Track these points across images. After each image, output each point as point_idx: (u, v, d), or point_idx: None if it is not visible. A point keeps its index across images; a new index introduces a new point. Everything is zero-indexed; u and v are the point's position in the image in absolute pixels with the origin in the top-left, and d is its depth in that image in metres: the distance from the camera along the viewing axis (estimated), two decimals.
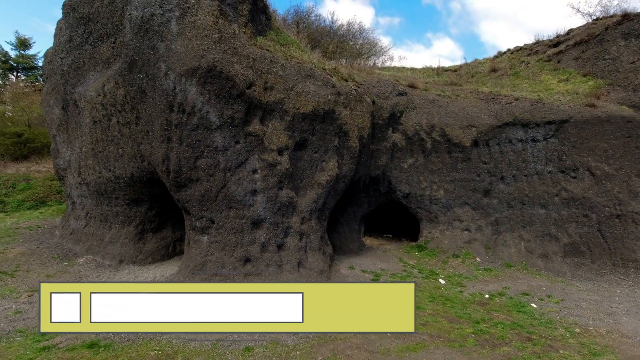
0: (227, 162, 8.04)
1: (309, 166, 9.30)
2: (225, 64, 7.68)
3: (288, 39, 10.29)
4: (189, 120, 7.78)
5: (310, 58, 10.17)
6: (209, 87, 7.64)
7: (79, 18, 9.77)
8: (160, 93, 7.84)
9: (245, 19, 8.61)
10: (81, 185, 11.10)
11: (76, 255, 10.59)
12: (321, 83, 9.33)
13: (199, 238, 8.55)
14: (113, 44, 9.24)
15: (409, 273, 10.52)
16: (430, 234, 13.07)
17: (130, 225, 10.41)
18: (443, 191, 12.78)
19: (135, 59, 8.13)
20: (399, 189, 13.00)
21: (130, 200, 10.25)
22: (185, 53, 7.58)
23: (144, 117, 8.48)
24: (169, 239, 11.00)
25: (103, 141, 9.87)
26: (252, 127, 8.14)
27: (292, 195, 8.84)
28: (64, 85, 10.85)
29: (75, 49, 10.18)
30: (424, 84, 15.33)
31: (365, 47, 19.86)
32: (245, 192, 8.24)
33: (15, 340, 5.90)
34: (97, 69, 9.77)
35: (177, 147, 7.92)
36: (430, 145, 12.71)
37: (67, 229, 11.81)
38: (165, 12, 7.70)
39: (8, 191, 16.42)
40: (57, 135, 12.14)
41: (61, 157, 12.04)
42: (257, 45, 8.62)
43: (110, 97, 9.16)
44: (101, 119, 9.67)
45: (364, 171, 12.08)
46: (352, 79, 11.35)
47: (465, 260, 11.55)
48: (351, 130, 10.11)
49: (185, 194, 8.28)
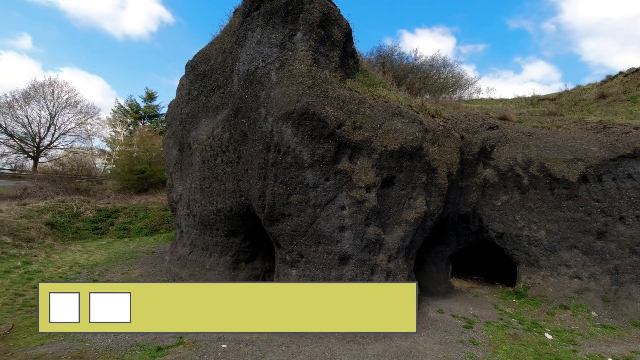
0: (317, 199, 8.44)
1: (396, 203, 9.26)
2: (318, 106, 8.27)
3: (375, 79, 10.71)
4: (283, 159, 8.44)
5: (397, 96, 10.39)
6: (303, 129, 8.26)
7: (197, 75, 11.57)
8: (259, 135, 8.71)
9: (335, 64, 9.25)
10: (189, 217, 12.58)
11: (182, 280, 11.82)
12: (408, 120, 9.42)
13: (288, 271, 8.94)
14: (222, 94, 10.66)
15: (507, 322, 9.48)
16: (530, 280, 11.73)
17: (227, 254, 11.36)
18: (544, 232, 11.52)
19: (240, 106, 9.24)
20: (492, 228, 12.07)
21: (228, 232, 11.25)
22: (282, 99, 8.38)
23: (245, 156, 9.45)
24: (259, 270, 11.69)
25: (209, 178, 11.18)
26: (341, 165, 8.49)
27: (379, 232, 8.83)
28: (181, 130, 12.75)
29: (192, 100, 11.99)
30: (517, 115, 14.41)
31: (450, 81, 19.53)
32: (333, 228, 8.49)
33: (136, 354, 6.71)
34: (208, 116, 11.31)
35: (272, 184, 8.59)
36: (527, 181, 11.72)
37: (175, 255, 13.33)
38: (267, 64, 8.70)
39: (132, 219, 19.38)
40: (173, 172, 14.11)
41: (175, 191, 13.89)
42: (346, 88, 9.14)
43: (218, 139, 10.45)
44: (209, 158, 11.03)
45: (453, 209, 11.55)
46: (439, 115, 11.22)
47: (576, 313, 10.04)
48: (439, 166, 9.88)
49: (277, 227, 8.83)
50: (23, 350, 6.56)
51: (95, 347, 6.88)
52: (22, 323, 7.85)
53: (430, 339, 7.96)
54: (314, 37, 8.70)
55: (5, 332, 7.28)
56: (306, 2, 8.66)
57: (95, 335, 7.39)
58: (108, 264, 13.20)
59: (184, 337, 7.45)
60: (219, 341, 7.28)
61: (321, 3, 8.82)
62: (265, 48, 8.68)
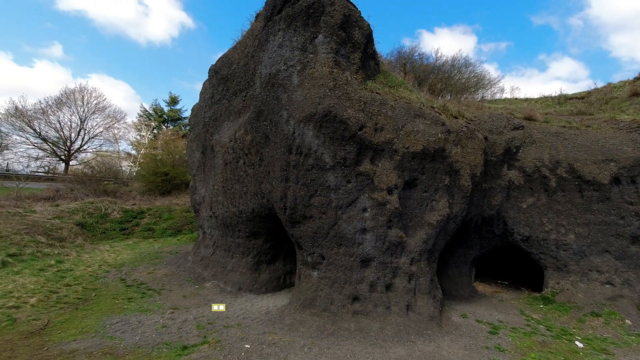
0: (339, 201, 8.44)
1: (418, 205, 9.15)
2: (339, 108, 8.28)
3: (396, 81, 10.64)
4: (305, 161, 8.49)
5: (419, 97, 10.29)
6: (324, 131, 8.29)
7: (220, 79, 11.81)
8: (281, 137, 8.80)
9: (356, 66, 9.25)
10: (211, 218, 12.82)
11: (204, 280, 12.06)
12: (430, 122, 9.30)
13: (310, 273, 8.97)
14: (244, 98, 10.84)
15: (534, 329, 9.19)
16: (558, 285, 11.34)
17: (249, 256, 11.50)
18: (574, 235, 11.12)
19: (262, 109, 9.36)
20: (517, 231, 11.75)
21: (250, 233, 11.40)
22: (304, 101, 8.44)
23: (266, 159, 9.57)
24: (280, 271, 11.77)
25: (231, 180, 11.37)
26: (362, 167, 8.47)
27: (401, 234, 8.75)
28: (204, 133, 13.04)
29: (215, 104, 12.24)
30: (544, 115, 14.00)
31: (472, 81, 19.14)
32: (355, 230, 8.47)
33: (162, 352, 6.89)
34: (231, 119, 11.51)
35: (293, 186, 8.66)
36: (554, 182, 11.35)
37: (198, 255, 13.60)
38: (288, 67, 8.78)
39: (156, 220, 19.92)
40: (196, 175, 14.43)
41: (198, 193, 14.19)
42: (368, 89, 9.11)
43: (240, 142, 10.62)
44: (231, 161, 11.22)
45: (476, 211, 11.31)
46: (462, 116, 11.02)
47: (609, 321, 9.62)
48: (462, 168, 9.71)
49: (299, 229, 8.88)
50: (57, 346, 6.85)
51: (124, 344, 7.11)
52: (56, 319, 8.20)
53: (454, 344, 7.81)
54: (335, 39, 8.73)
55: (41, 328, 7.62)
56: (327, 4, 8.70)
57: (124, 333, 7.65)
58: (134, 264, 13.61)
59: (208, 336, 7.60)
60: (242, 341, 7.39)
61: (342, 5, 8.84)
62: (286, 51, 8.77)
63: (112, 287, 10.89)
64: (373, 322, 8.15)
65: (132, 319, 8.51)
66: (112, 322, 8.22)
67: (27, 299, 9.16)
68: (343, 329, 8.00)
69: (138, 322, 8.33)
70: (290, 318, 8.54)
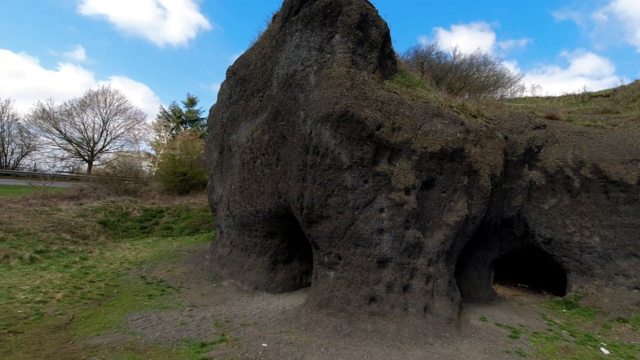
0: (356, 201, 8.41)
1: (436, 206, 9.03)
2: (356, 108, 8.25)
3: (413, 80, 10.53)
4: (322, 161, 8.49)
5: (437, 97, 10.15)
6: (341, 131, 8.27)
7: (237, 80, 11.96)
8: (298, 137, 8.83)
9: (373, 66, 9.20)
10: (229, 218, 12.98)
11: (222, 279, 12.22)
12: (449, 121, 9.17)
13: (326, 273, 8.97)
14: (261, 98, 10.93)
15: (557, 334, 8.93)
16: (582, 289, 11.00)
17: (265, 255, 11.59)
18: (599, 238, 10.77)
19: (279, 109, 9.42)
20: (539, 233, 11.46)
21: (267, 233, 11.48)
22: (321, 101, 8.44)
23: (283, 158, 9.62)
24: (296, 271, 11.82)
25: (248, 180, 11.48)
26: (380, 167, 8.42)
27: (419, 235, 8.65)
28: (222, 134, 13.22)
29: (233, 104, 12.40)
30: (567, 114, 13.60)
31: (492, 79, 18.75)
32: (372, 230, 8.42)
33: (182, 349, 7.01)
34: (248, 119, 11.63)
35: (310, 185, 8.67)
36: (578, 183, 11.02)
37: (215, 254, 13.79)
38: (305, 67, 8.81)
39: (175, 219, 20.32)
40: (213, 174, 14.64)
41: (215, 193, 14.40)
42: (385, 89, 9.05)
43: (257, 142, 10.71)
44: (248, 161, 11.33)
45: (496, 212, 11.08)
46: (481, 115, 10.82)
47: (637, 327, 9.28)
48: (482, 168, 9.53)
49: (315, 229, 8.89)
50: (82, 340, 7.06)
51: (145, 339, 7.28)
52: (80, 314, 8.46)
53: (473, 348, 7.67)
54: (352, 39, 8.70)
55: (67, 322, 7.88)
56: (344, 4, 8.69)
57: (144, 329, 7.82)
58: (154, 262, 13.91)
59: (225, 334, 7.70)
60: (260, 340, 7.45)
61: (359, 5, 8.81)
62: (304, 51, 8.80)
63: (133, 284, 11.16)
64: (390, 324, 8.09)
65: (152, 315, 8.70)
66: (134, 318, 8.42)
67: (54, 294, 9.48)
68: (360, 330, 7.97)
69: (158, 318, 8.51)
70: (307, 318, 8.56)
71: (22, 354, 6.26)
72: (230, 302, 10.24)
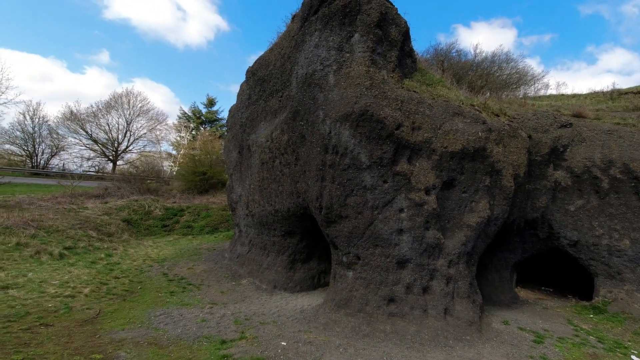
0: (375, 201, 8.36)
1: (457, 207, 8.88)
2: (376, 107, 8.20)
3: (433, 79, 10.38)
4: (341, 161, 8.48)
5: (457, 95, 9.98)
6: (361, 130, 8.24)
7: (256, 80, 12.09)
8: (317, 137, 8.84)
9: (393, 65, 9.11)
10: (248, 217, 13.13)
11: (240, 277, 12.37)
12: (470, 120, 9.00)
13: (345, 273, 8.96)
14: (280, 98, 11.01)
15: (584, 340, 8.63)
16: (611, 294, 10.61)
17: (284, 254, 11.67)
18: (629, 241, 10.36)
19: (299, 109, 9.46)
20: (564, 236, 11.11)
21: (285, 232, 11.56)
22: (340, 101, 8.43)
23: (302, 158, 9.66)
24: (314, 270, 11.85)
25: (267, 179, 11.58)
26: (399, 166, 8.34)
27: (439, 236, 8.52)
28: (241, 134, 13.39)
29: (252, 105, 12.54)
30: (594, 111, 13.12)
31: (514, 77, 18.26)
32: (391, 230, 8.35)
33: (203, 345, 7.14)
34: (267, 119, 11.74)
35: (329, 185, 8.67)
36: (607, 184, 10.63)
37: (234, 253, 13.98)
38: (324, 67, 8.81)
39: (195, 218, 20.73)
40: (233, 174, 14.84)
41: (234, 192, 14.60)
42: (405, 88, 8.96)
43: (276, 142, 10.80)
44: (267, 160, 11.43)
45: (519, 213, 10.81)
46: (504, 113, 10.57)
47: None
48: (504, 168, 9.31)
49: (334, 229, 8.89)
50: (108, 334, 7.30)
51: (168, 335, 7.45)
52: (106, 309, 8.74)
53: (495, 352, 7.50)
54: (372, 37, 8.65)
55: (94, 317, 8.15)
56: (363, 3, 8.64)
57: (167, 325, 8.01)
58: (175, 259, 14.22)
59: (245, 332, 7.79)
60: (279, 339, 7.50)
61: (379, 3, 8.74)
62: (323, 51, 8.80)
63: (155, 281, 11.44)
64: (409, 325, 8.01)
65: (174, 312, 8.90)
66: (156, 314, 8.63)
67: (81, 289, 9.82)
68: (378, 331, 7.92)
69: (179, 315, 8.69)
70: (325, 317, 8.57)
71: (52, 346, 6.52)
72: (249, 300, 10.36)
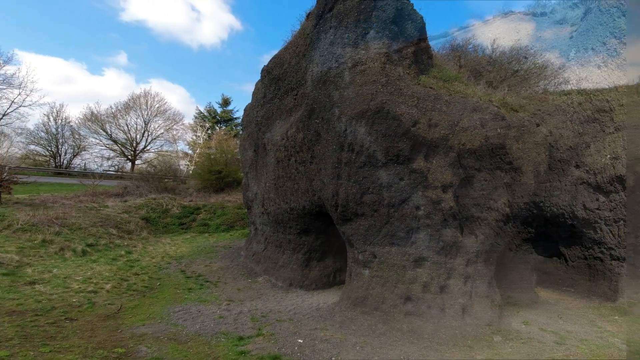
0: (391, 199, 8.29)
1: (475, 204, 8.73)
2: (392, 104, 8.13)
3: (450, 75, 10.20)
4: (357, 159, 8.45)
5: (475, 91, 9.78)
6: (377, 127, 8.18)
7: (272, 79, 12.15)
8: (333, 135, 8.83)
9: (409, 61, 9.00)
10: (263, 215, 13.23)
11: (256, 274, 12.49)
12: (488, 116, 8.82)
13: (361, 271, 8.93)
14: (295, 96, 11.04)
15: (608, 342, 8.36)
16: (636, 295, 10.26)
17: (300, 252, 11.71)
18: None
19: (314, 106, 9.46)
20: (587, 234, 10.78)
21: (301, 230, 11.60)
22: (355, 98, 8.39)
23: (318, 156, 9.66)
24: (330, 269, 11.85)
25: (283, 178, 11.64)
26: (416, 164, 8.25)
27: (457, 234, 8.40)
28: (256, 132, 13.49)
29: (267, 103, 12.62)
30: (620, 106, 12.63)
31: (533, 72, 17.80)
32: (407, 228, 8.28)
33: (221, 341, 7.24)
34: (282, 118, 11.79)
35: (345, 183, 8.65)
36: (632, 181, 10.26)
37: (250, 250, 14.11)
38: (339, 64, 8.77)
39: (211, 216, 21.03)
40: (248, 172, 14.98)
41: (250, 190, 14.73)
42: (421, 84, 8.84)
43: (292, 140, 10.83)
44: (283, 158, 11.49)
45: (539, 211, 10.55)
46: (523, 109, 10.31)
47: None
48: (524, 165, 9.10)
49: (350, 227, 8.87)
50: (129, 329, 7.48)
51: (186, 331, 7.59)
52: (127, 305, 8.96)
53: (516, 353, 7.35)
54: (387, 34, 8.57)
55: (116, 312, 8.37)
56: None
57: (185, 321, 8.15)
58: (192, 257, 14.46)
59: (262, 329, 7.87)
60: (295, 336, 7.54)
61: None
62: (338, 48, 8.77)
63: (173, 278, 11.66)
64: (426, 324, 7.93)
65: (192, 308, 9.06)
66: (175, 310, 8.80)
67: (103, 285, 10.10)
68: (395, 329, 7.87)
69: (198, 311, 8.84)
70: (341, 315, 8.57)
71: (77, 340, 6.72)
72: (265, 297, 10.45)
